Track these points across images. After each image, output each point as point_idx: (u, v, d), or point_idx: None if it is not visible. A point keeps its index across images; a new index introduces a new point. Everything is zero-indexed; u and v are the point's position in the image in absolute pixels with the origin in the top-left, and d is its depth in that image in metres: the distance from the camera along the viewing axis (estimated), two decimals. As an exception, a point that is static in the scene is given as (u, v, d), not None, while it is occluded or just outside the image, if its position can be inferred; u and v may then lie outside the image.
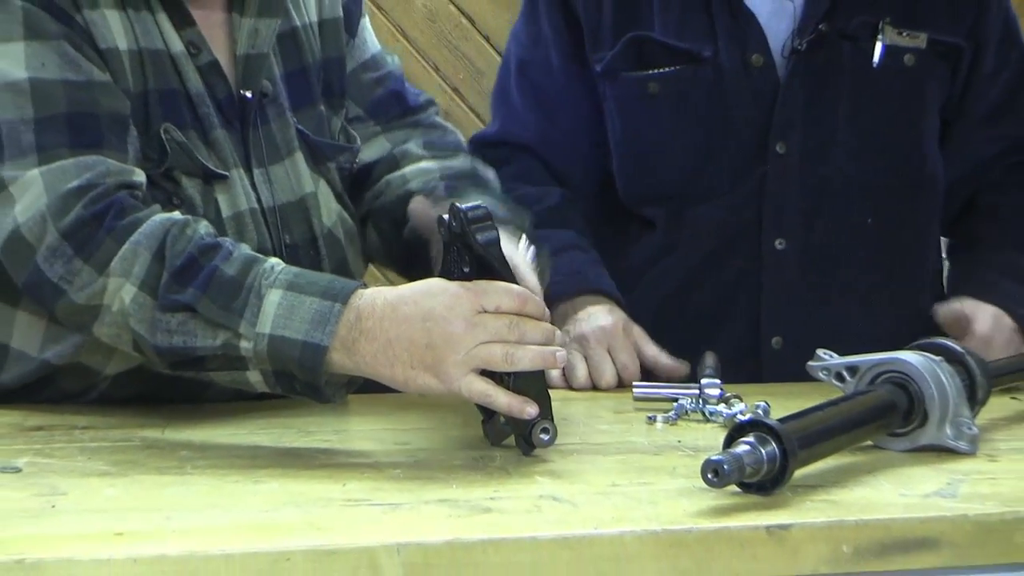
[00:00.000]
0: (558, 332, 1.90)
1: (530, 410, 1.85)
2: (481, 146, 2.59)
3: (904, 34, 2.48)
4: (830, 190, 2.48)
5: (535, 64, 2.57)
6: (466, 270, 1.92)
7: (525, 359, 1.85)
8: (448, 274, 1.94)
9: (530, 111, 2.56)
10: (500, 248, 1.91)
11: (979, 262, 2.48)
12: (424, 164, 2.28)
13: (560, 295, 2.32)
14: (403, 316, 1.85)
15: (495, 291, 1.86)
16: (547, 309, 1.91)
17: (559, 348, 1.89)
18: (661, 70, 2.50)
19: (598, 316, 2.33)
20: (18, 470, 1.80)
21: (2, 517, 1.64)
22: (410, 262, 2.19)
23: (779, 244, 2.47)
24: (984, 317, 2.34)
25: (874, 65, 2.48)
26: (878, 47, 2.48)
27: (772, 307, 2.46)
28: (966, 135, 2.54)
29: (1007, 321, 2.37)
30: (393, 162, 2.30)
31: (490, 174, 2.28)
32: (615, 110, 2.53)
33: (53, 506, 1.69)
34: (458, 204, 1.92)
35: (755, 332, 2.45)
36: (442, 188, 2.20)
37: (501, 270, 1.92)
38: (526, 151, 2.55)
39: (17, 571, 1.51)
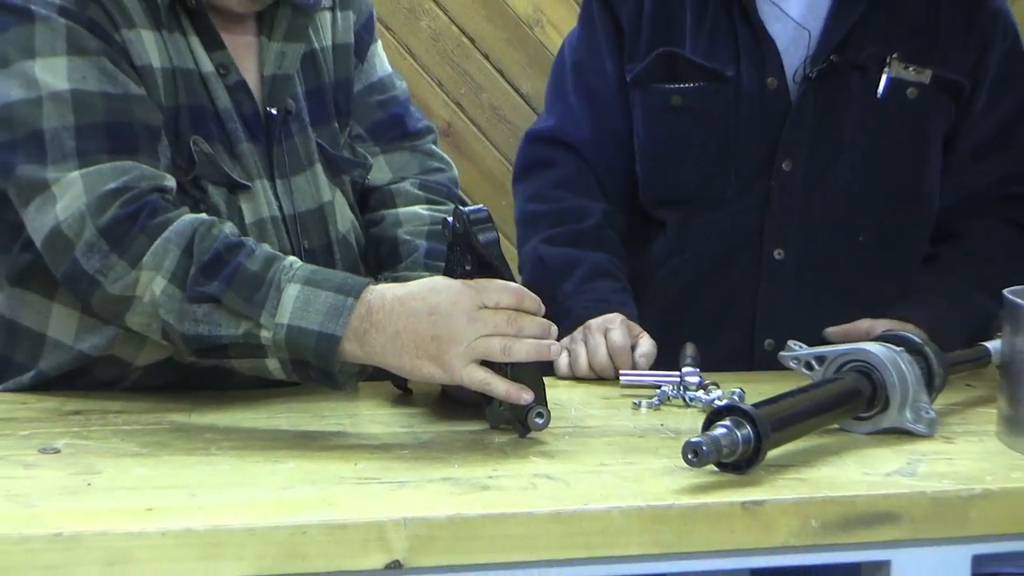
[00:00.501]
0: (552, 327, 1.91)
1: (526, 396, 1.87)
2: (535, 140, 2.59)
3: (910, 68, 2.47)
4: (829, 207, 2.47)
5: (590, 68, 2.56)
6: (468, 268, 1.94)
7: (522, 351, 1.86)
8: (451, 272, 1.96)
9: (585, 112, 2.54)
10: (499, 248, 1.93)
11: (920, 285, 2.47)
12: (417, 209, 2.29)
13: (583, 318, 2.33)
14: (410, 310, 1.86)
15: (494, 288, 1.88)
16: (542, 305, 1.92)
17: (553, 341, 1.91)
18: (687, 85, 2.49)
19: (606, 316, 2.33)
20: (57, 451, 1.80)
21: (42, 494, 1.65)
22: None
23: (778, 254, 2.46)
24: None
25: (878, 95, 2.47)
26: (883, 79, 2.47)
27: (768, 311, 2.45)
28: (958, 166, 2.53)
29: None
30: (390, 197, 2.30)
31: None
32: (641, 117, 2.52)
33: (89, 484, 1.69)
34: (461, 207, 1.95)
35: (750, 333, 2.45)
36: (423, 251, 2.23)
37: (500, 268, 1.93)
38: (573, 150, 2.53)
39: (56, 544, 1.52)
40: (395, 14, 4.36)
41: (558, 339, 1.93)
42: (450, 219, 1.96)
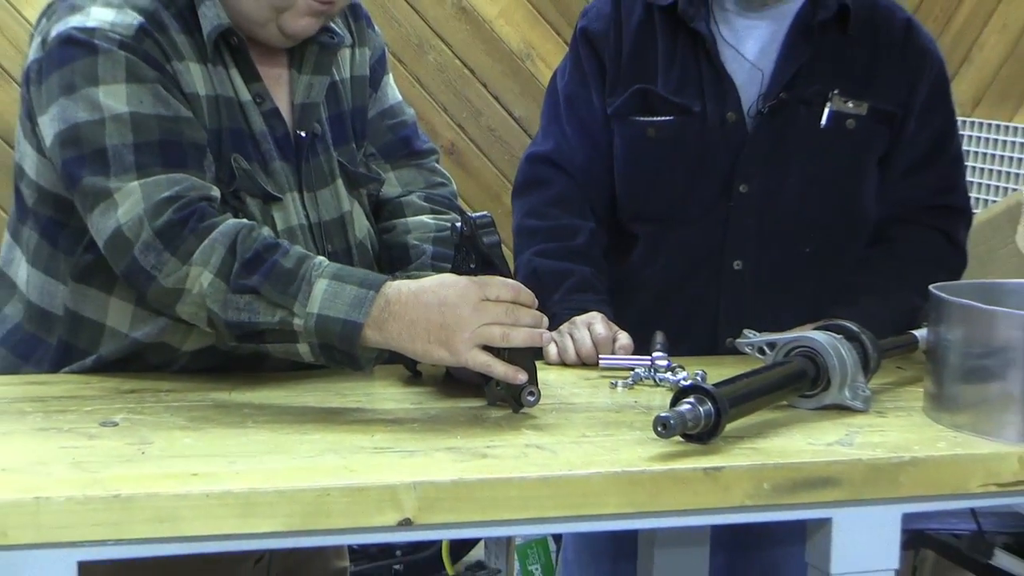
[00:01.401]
0: (544, 318, 1.92)
1: (521, 377, 1.88)
2: (535, 161, 2.57)
3: (849, 103, 2.45)
4: (780, 223, 2.46)
5: (581, 101, 2.53)
6: (472, 267, 1.95)
7: (518, 337, 1.87)
8: (458, 269, 1.97)
9: (578, 140, 2.52)
10: (500, 248, 1.95)
11: (856, 284, 2.47)
12: (423, 218, 2.27)
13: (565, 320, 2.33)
14: (423, 302, 1.87)
15: (495, 284, 1.89)
16: (536, 298, 1.93)
17: (545, 330, 1.92)
18: (660, 118, 2.47)
19: (590, 313, 2.34)
20: (115, 424, 1.81)
21: (102, 461, 1.65)
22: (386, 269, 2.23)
23: (737, 265, 2.45)
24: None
25: (821, 126, 2.45)
26: (826, 112, 2.46)
27: (728, 313, 2.43)
28: (891, 182, 2.51)
29: None
30: (400, 208, 2.29)
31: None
32: (620, 145, 2.50)
33: (143, 453, 1.70)
34: (469, 213, 1.97)
35: (713, 332, 2.43)
36: (430, 253, 2.22)
37: (501, 267, 1.94)
38: (568, 173, 2.51)
39: (114, 504, 1.53)
40: (406, 49, 4.37)
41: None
42: (458, 224, 1.98)
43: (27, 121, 2.06)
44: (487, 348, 1.87)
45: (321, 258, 1.94)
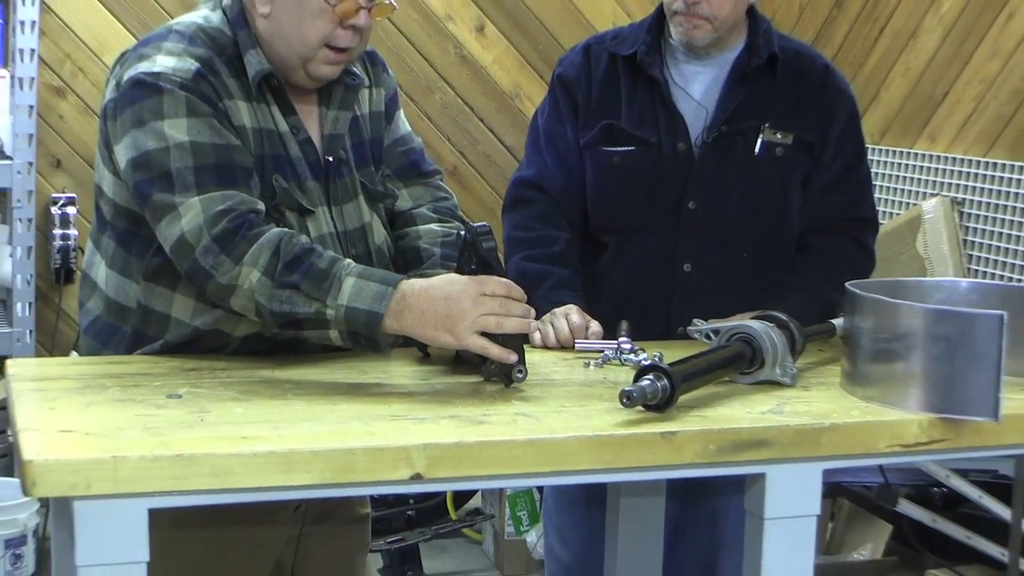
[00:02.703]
0: (531, 310, 1.93)
1: (512, 357, 1.88)
2: (520, 184, 2.56)
3: (777, 134, 2.45)
4: (722, 234, 2.45)
5: (558, 134, 2.53)
6: (473, 267, 1.95)
7: (510, 325, 1.88)
8: (461, 269, 1.98)
9: (556, 167, 2.51)
10: (497, 252, 1.95)
11: (784, 283, 2.47)
12: (432, 226, 2.26)
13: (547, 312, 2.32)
14: (432, 296, 1.87)
15: (492, 282, 1.90)
16: (526, 294, 1.93)
17: (532, 320, 1.93)
18: (623, 148, 2.47)
19: (568, 306, 2.33)
20: (179, 397, 1.81)
21: (169, 427, 1.66)
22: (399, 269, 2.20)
23: (687, 267, 2.45)
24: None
25: (755, 154, 2.45)
26: (759, 142, 2.45)
27: (680, 308, 2.41)
28: (812, 199, 2.50)
29: None
30: (412, 219, 2.27)
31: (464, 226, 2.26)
32: (591, 171, 2.49)
33: (201, 419, 1.70)
34: (472, 223, 1.97)
35: (667, 323, 2.41)
36: (439, 255, 2.20)
37: (497, 268, 1.94)
38: (546, 193, 2.51)
39: (177, 462, 1.54)
40: (416, 90, 4.36)
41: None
42: (462, 232, 1.98)
43: (104, 150, 2.06)
44: (484, 334, 1.87)
45: (349, 260, 1.94)
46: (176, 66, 1.99)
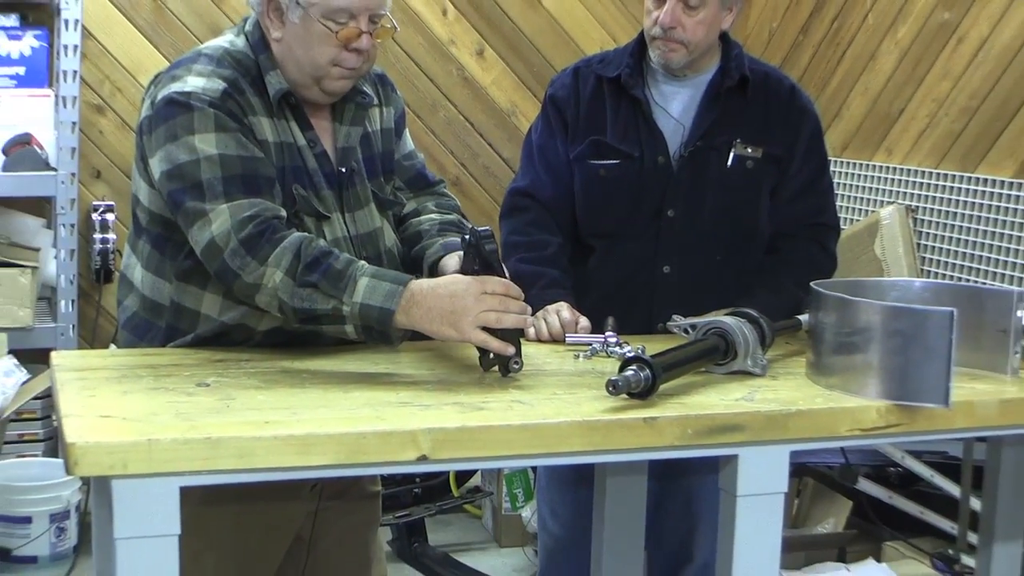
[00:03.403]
0: (528, 307, 1.93)
1: (509, 350, 1.88)
2: (515, 194, 2.55)
3: (748, 148, 2.44)
4: (698, 238, 2.45)
5: (549, 149, 2.52)
6: (476, 268, 1.95)
7: (508, 320, 1.88)
8: (465, 270, 1.97)
9: (548, 179, 2.51)
10: (498, 254, 1.95)
11: (755, 282, 2.47)
12: (432, 215, 2.27)
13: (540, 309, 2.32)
14: (438, 294, 1.88)
15: (492, 281, 1.90)
16: (523, 292, 1.93)
17: (528, 316, 1.93)
18: (609, 162, 2.46)
19: (559, 303, 2.33)
20: (208, 385, 1.81)
21: (198, 412, 1.66)
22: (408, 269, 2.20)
23: (666, 269, 2.45)
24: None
25: (727, 166, 2.45)
26: (731, 156, 2.44)
27: (659, 306, 2.40)
28: (779, 207, 2.50)
29: None
30: (416, 214, 2.29)
31: (464, 223, 2.25)
32: (579, 182, 2.49)
33: (228, 406, 1.70)
34: (475, 227, 1.97)
35: (648, 319, 2.40)
36: (436, 229, 2.21)
37: (497, 268, 1.94)
38: (539, 202, 2.50)
39: (206, 444, 1.54)
40: (422, 108, 4.35)
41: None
42: (466, 235, 1.98)
43: (140, 162, 2.05)
44: (485, 329, 1.87)
45: (363, 262, 1.94)
46: (205, 86, 1.98)
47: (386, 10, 2.06)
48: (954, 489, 3.00)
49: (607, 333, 2.19)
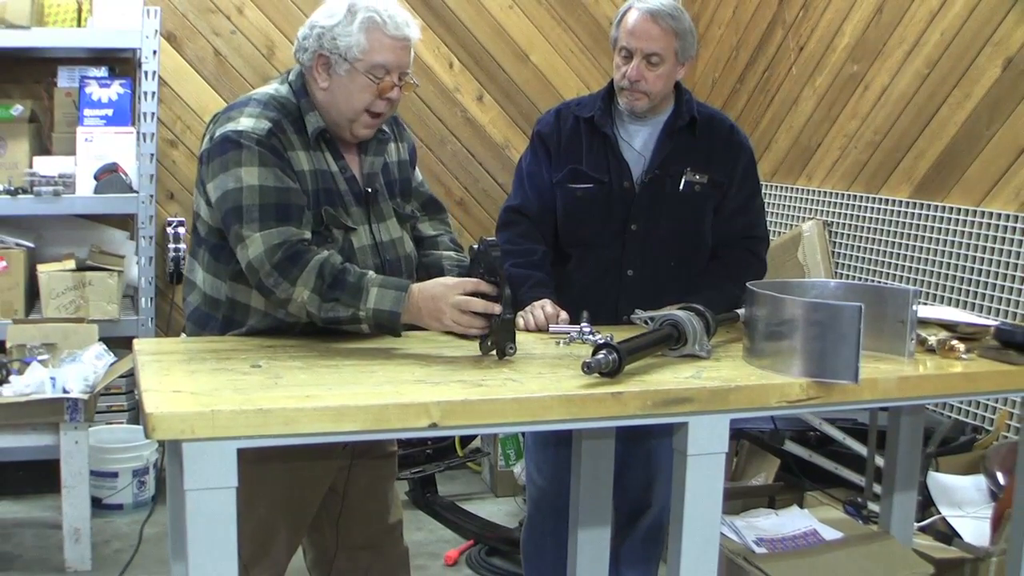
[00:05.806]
0: (491, 305, 1.90)
1: (495, 308, 1.89)
2: (508, 211, 2.53)
3: (696, 175, 2.44)
4: (656, 248, 2.44)
5: (536, 175, 2.50)
6: (482, 271, 1.94)
7: (477, 306, 1.89)
8: (471, 273, 1.96)
9: (535, 199, 2.49)
10: (501, 260, 1.93)
11: (701, 283, 2.46)
12: (451, 253, 2.26)
13: (528, 304, 2.31)
14: (426, 296, 1.91)
15: (466, 282, 1.91)
16: (494, 285, 1.91)
17: (495, 304, 1.90)
18: (584, 186, 2.45)
19: (543, 300, 2.32)
20: (260, 367, 1.80)
21: (252, 388, 1.65)
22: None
23: (630, 272, 2.44)
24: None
25: (679, 190, 2.43)
26: (682, 182, 2.43)
27: (625, 302, 2.38)
28: (719, 223, 2.49)
29: None
30: (435, 244, 2.27)
31: (464, 260, 2.25)
32: (560, 202, 2.48)
33: (276, 383, 1.69)
34: (484, 237, 1.96)
35: (616, 313, 2.39)
36: (455, 268, 2.20)
37: (500, 271, 1.92)
38: (527, 217, 2.49)
39: (258, 414, 1.54)
40: (433, 143, 4.35)
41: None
42: (475, 244, 1.96)
43: (200, 186, 2.05)
44: (479, 315, 1.88)
45: (371, 272, 1.95)
46: (254, 126, 1.98)
47: (411, 69, 2.06)
48: (862, 449, 3.00)
49: (582, 324, 2.17)
